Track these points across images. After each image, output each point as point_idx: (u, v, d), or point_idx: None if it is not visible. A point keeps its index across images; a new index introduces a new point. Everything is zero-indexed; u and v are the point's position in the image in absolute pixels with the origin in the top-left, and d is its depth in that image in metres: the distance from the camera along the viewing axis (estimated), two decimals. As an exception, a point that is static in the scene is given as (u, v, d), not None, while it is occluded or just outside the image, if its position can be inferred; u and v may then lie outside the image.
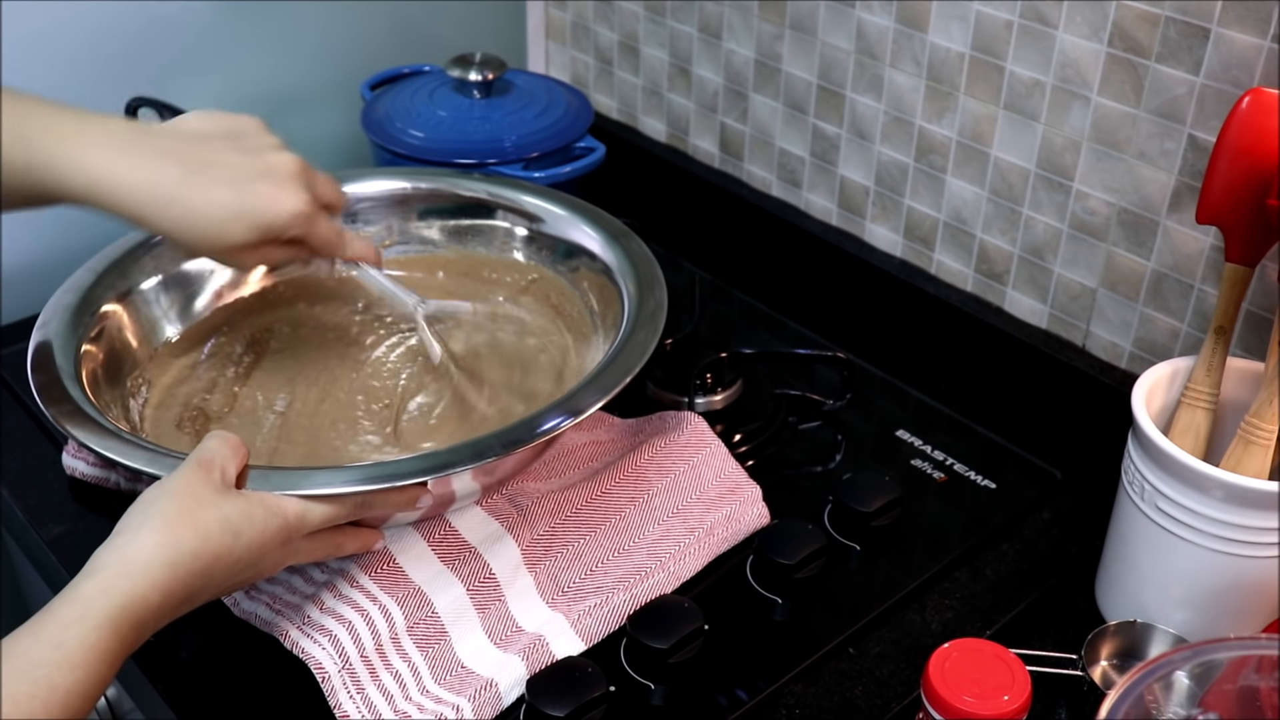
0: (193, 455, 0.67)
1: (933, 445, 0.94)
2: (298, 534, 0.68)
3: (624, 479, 0.83)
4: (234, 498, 0.65)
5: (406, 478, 0.69)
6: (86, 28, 1.03)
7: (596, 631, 0.76)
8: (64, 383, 0.76)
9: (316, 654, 0.72)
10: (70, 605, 0.59)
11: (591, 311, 0.90)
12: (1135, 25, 0.84)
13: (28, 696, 0.55)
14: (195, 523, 0.63)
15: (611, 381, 0.75)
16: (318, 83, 1.18)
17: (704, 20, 1.14)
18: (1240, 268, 0.76)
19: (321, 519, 0.68)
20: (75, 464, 0.88)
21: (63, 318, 0.81)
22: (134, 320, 0.87)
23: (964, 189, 0.99)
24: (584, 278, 0.92)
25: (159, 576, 0.61)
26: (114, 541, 0.63)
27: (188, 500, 0.64)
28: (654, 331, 0.80)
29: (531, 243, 0.96)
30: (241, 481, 0.68)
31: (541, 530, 0.80)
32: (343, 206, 0.82)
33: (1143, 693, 0.59)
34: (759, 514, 0.84)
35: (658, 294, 0.84)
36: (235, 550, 0.64)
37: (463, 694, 0.71)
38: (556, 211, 0.95)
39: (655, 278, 0.86)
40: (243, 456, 0.68)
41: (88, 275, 0.86)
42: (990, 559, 0.86)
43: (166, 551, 0.62)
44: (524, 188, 0.97)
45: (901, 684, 0.76)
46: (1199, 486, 0.72)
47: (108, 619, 0.59)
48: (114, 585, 0.60)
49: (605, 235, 0.91)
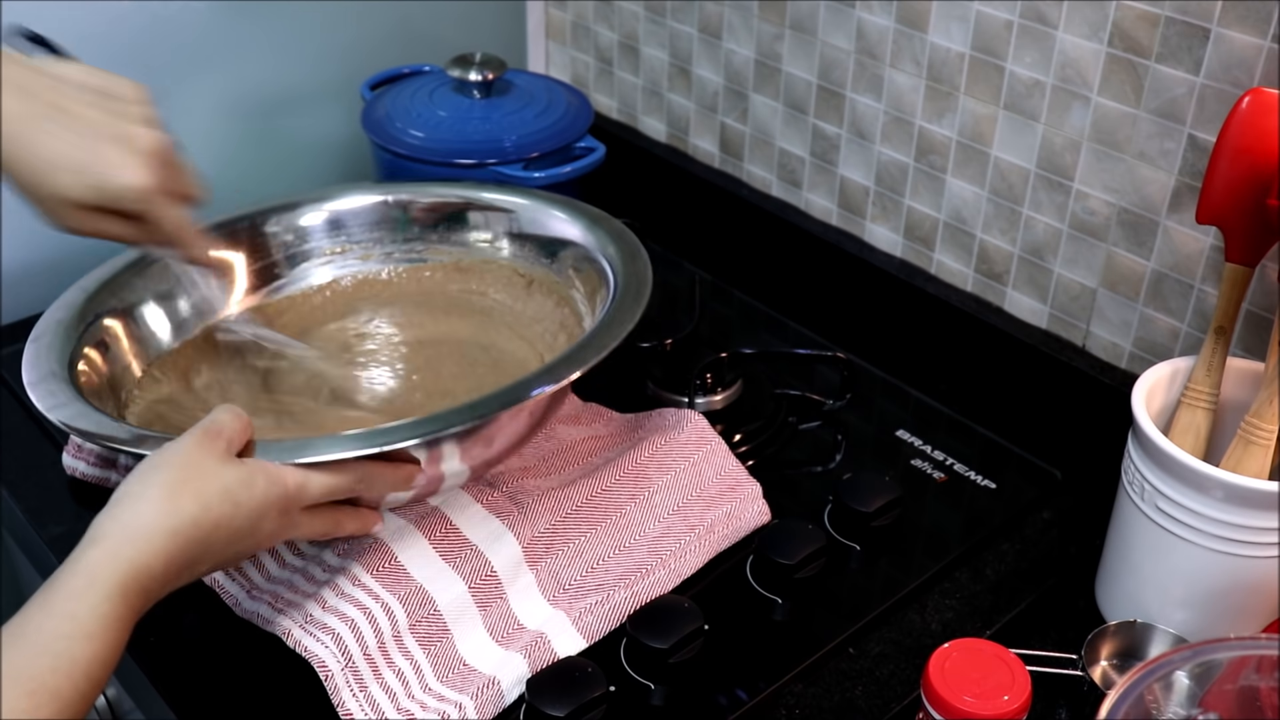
0: (198, 425, 0.66)
1: (933, 445, 0.94)
2: (297, 504, 0.68)
3: (624, 476, 0.84)
4: (234, 466, 0.65)
5: (404, 440, 0.69)
6: (87, 28, 1.03)
7: (598, 629, 0.76)
8: (61, 386, 0.76)
9: (319, 652, 0.72)
10: (76, 576, 0.59)
11: (584, 299, 0.90)
12: (1135, 25, 0.84)
13: (51, 671, 0.55)
14: (197, 491, 0.63)
15: (605, 340, 0.76)
16: (318, 83, 1.18)
17: (704, 20, 1.14)
18: (1240, 268, 0.76)
19: (321, 489, 0.68)
20: (75, 464, 0.88)
21: (55, 332, 0.81)
22: (127, 338, 0.86)
23: (964, 189, 0.99)
24: (569, 266, 0.92)
25: (161, 544, 0.61)
26: (113, 510, 0.62)
27: (189, 469, 0.64)
28: (640, 298, 0.80)
29: (516, 240, 0.96)
30: (247, 454, 0.67)
31: (542, 527, 0.80)
32: (197, 202, 0.78)
33: (1143, 693, 0.59)
34: (759, 511, 0.85)
35: (640, 266, 0.84)
36: (236, 519, 0.64)
37: (465, 692, 0.71)
38: (530, 205, 0.95)
39: (635, 250, 0.86)
40: (249, 430, 0.68)
41: (79, 294, 0.85)
42: (990, 559, 0.86)
43: (168, 519, 0.62)
44: (499, 188, 0.98)
45: (901, 684, 0.76)
46: (1199, 486, 0.72)
47: (116, 585, 0.59)
48: (119, 552, 0.60)
49: (583, 221, 0.91)
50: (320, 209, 0.97)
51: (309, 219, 0.97)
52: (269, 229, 0.96)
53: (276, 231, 0.96)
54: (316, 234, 0.97)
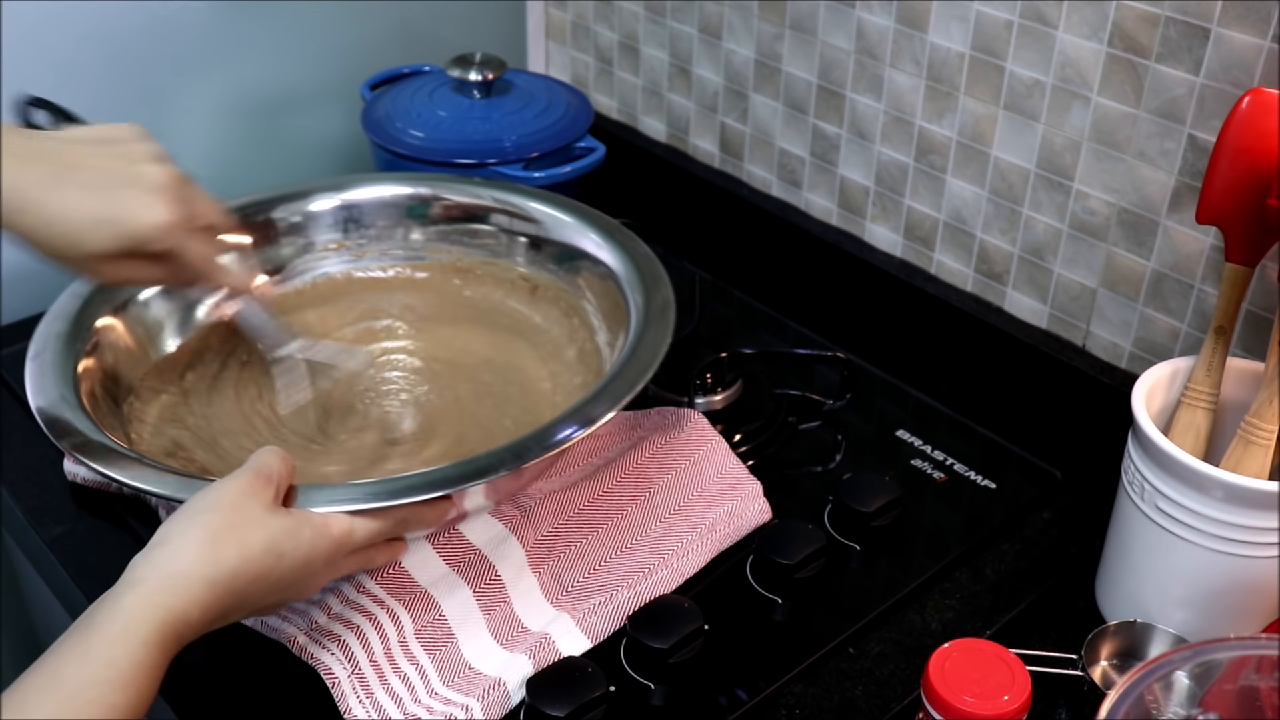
0: (247, 466, 0.65)
1: (933, 445, 0.94)
2: (344, 552, 0.66)
3: (626, 477, 0.84)
4: (281, 516, 0.64)
5: (453, 485, 0.68)
6: (86, 28, 1.03)
7: (602, 629, 0.76)
8: (69, 413, 0.75)
9: (326, 660, 0.72)
10: (113, 620, 0.58)
11: (596, 313, 0.90)
12: (1135, 25, 0.84)
13: (85, 718, 0.54)
14: (240, 540, 0.62)
15: (634, 378, 0.75)
16: (318, 83, 1.18)
17: (704, 20, 1.14)
18: (1240, 268, 0.76)
19: (367, 535, 0.67)
20: (77, 470, 0.88)
21: (55, 346, 0.80)
22: (129, 337, 0.86)
23: (964, 189, 0.99)
24: (585, 280, 0.92)
25: (199, 593, 0.60)
26: (152, 553, 0.61)
27: (234, 515, 0.62)
28: (665, 329, 0.80)
29: (533, 248, 0.95)
30: (291, 499, 0.66)
31: (545, 531, 0.80)
32: (223, 229, 0.77)
33: (1143, 693, 0.59)
34: (760, 510, 0.85)
35: (664, 292, 0.84)
36: (277, 570, 0.63)
37: (471, 694, 0.71)
38: (558, 216, 0.94)
39: (659, 276, 0.86)
40: (293, 474, 0.67)
41: (73, 300, 0.84)
42: (990, 559, 0.86)
43: (208, 569, 0.61)
44: (525, 192, 0.97)
45: (901, 684, 0.76)
46: (1199, 486, 0.72)
47: (153, 633, 0.58)
48: (156, 600, 0.59)
49: (606, 237, 0.91)
50: (332, 198, 0.97)
51: (317, 206, 0.96)
52: (274, 215, 0.95)
53: (283, 218, 0.95)
54: (323, 225, 0.97)
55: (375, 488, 0.68)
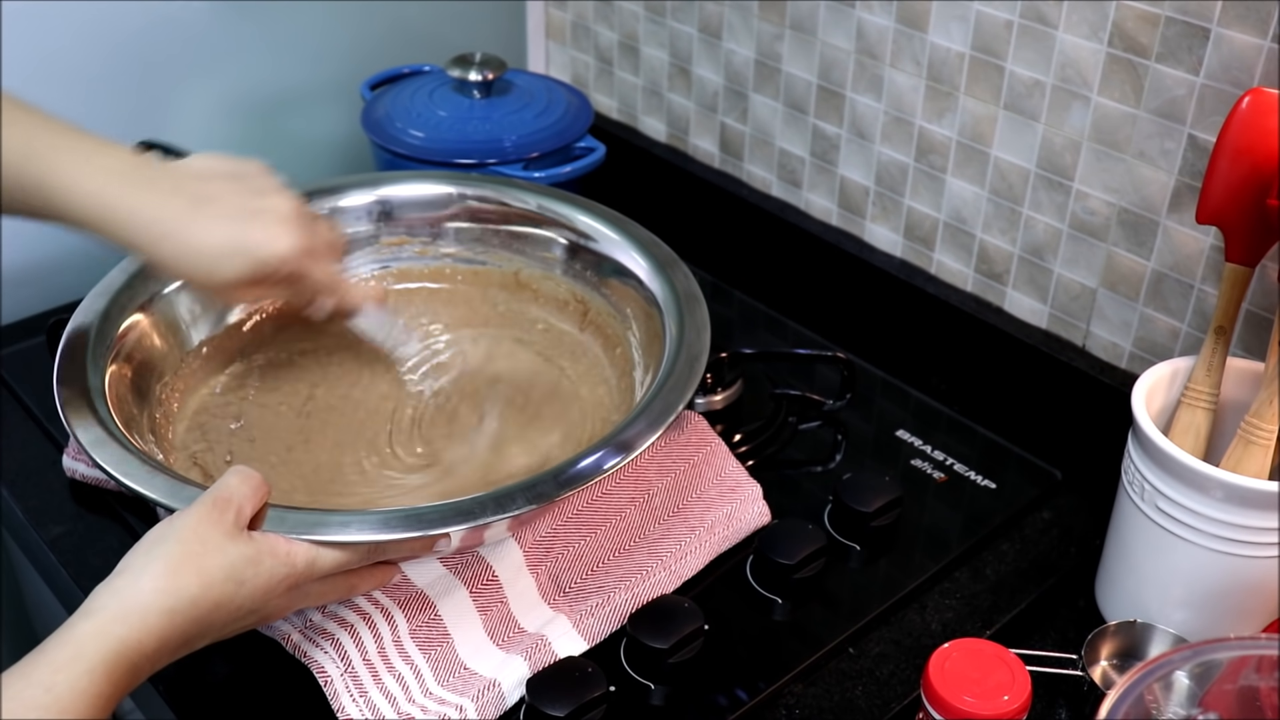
0: (208, 493, 0.65)
1: (933, 445, 0.94)
2: (306, 580, 0.66)
3: (624, 479, 0.84)
4: (242, 543, 0.63)
5: (429, 525, 0.67)
6: (87, 28, 1.03)
7: (599, 631, 0.76)
8: (90, 399, 0.75)
9: (319, 658, 0.72)
10: (63, 647, 0.58)
11: (628, 328, 0.89)
12: (1135, 25, 0.84)
13: None
14: (199, 569, 0.62)
15: (662, 408, 0.74)
16: (318, 83, 1.18)
17: (704, 20, 1.14)
18: (1240, 268, 0.76)
19: (333, 565, 0.67)
20: (75, 465, 0.88)
21: (94, 325, 0.80)
22: (162, 327, 0.85)
23: (964, 189, 0.99)
24: (619, 295, 0.90)
25: (155, 623, 0.60)
26: (114, 582, 0.61)
27: (194, 544, 0.62)
28: (700, 353, 0.79)
29: (573, 257, 0.94)
30: (259, 521, 0.66)
31: (543, 531, 0.80)
32: (342, 252, 0.84)
33: (1143, 693, 0.59)
34: (759, 512, 0.84)
35: (699, 315, 0.82)
36: (237, 598, 0.63)
37: (466, 694, 0.71)
38: (602, 230, 0.92)
39: (695, 295, 0.84)
40: (263, 495, 0.66)
41: (120, 275, 0.84)
42: (990, 559, 0.86)
43: (166, 599, 0.60)
44: (573, 201, 0.95)
45: (901, 684, 0.76)
46: (1199, 486, 0.72)
47: (101, 662, 0.57)
48: (109, 630, 0.59)
49: (650, 259, 0.89)
50: (370, 193, 0.96)
51: (351, 200, 0.96)
52: None
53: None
54: (362, 221, 0.96)
55: (343, 519, 0.67)
